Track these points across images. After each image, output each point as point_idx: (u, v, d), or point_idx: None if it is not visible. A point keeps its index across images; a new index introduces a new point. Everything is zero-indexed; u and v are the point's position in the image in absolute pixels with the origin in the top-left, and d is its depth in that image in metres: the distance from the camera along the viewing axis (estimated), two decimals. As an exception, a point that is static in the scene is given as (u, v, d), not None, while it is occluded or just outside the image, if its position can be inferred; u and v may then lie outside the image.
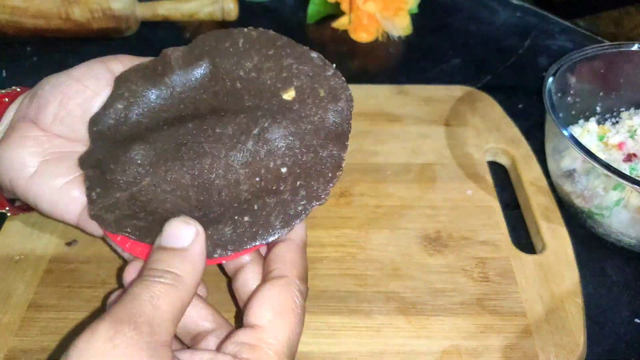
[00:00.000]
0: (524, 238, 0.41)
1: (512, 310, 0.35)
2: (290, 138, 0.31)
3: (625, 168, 0.40)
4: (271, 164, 0.30)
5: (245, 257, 0.31)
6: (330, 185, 0.30)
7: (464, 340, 0.33)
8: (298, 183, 0.30)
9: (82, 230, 0.33)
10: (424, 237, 0.39)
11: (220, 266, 0.36)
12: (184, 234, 0.27)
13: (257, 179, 0.30)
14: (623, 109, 0.46)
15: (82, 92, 0.33)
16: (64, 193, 0.32)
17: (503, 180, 0.45)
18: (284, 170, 0.30)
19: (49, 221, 0.39)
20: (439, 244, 0.39)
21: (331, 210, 0.41)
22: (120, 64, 0.34)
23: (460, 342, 0.33)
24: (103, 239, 0.37)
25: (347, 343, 0.33)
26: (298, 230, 0.31)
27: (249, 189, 0.30)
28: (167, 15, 0.62)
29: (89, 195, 0.31)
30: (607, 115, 0.46)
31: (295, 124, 0.31)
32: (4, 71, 0.56)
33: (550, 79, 0.41)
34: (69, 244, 0.38)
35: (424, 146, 0.46)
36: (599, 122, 0.45)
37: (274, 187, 0.30)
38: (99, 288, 0.36)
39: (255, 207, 0.30)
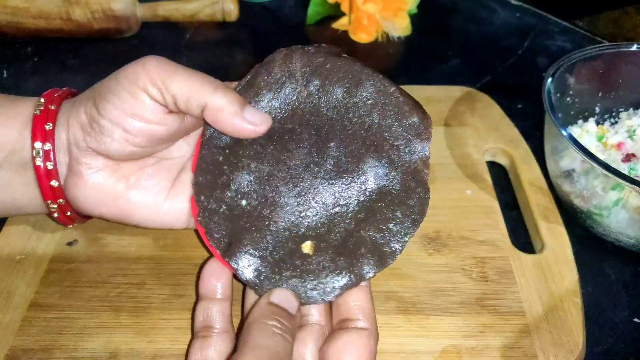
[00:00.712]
0: (523, 238, 0.41)
1: (512, 310, 0.35)
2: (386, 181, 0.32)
3: (624, 168, 0.41)
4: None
5: None
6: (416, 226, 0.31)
7: (463, 339, 0.33)
8: (398, 212, 0.31)
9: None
10: (423, 237, 0.39)
11: None
12: (294, 303, 0.30)
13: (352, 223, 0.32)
14: (622, 110, 0.46)
15: (137, 104, 0.31)
16: (168, 206, 0.34)
17: (502, 180, 0.45)
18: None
19: (50, 221, 0.40)
20: (439, 244, 0.39)
21: (331, 210, 0.41)
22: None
23: (460, 342, 0.33)
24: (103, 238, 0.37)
25: (346, 342, 0.33)
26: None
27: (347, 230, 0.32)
28: (168, 15, 0.62)
29: (198, 201, 0.32)
30: (606, 116, 0.46)
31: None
32: (4, 71, 0.56)
33: (550, 80, 0.41)
34: (69, 243, 0.38)
35: (424, 146, 0.46)
36: (597, 123, 0.46)
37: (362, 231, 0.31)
38: (99, 288, 0.36)
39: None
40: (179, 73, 0.30)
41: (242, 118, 0.31)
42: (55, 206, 0.33)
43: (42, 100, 0.33)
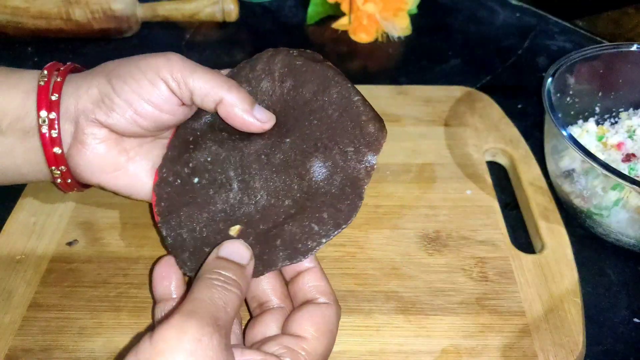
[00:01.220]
0: (523, 238, 0.41)
1: (511, 310, 0.35)
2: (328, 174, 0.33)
3: (624, 168, 0.41)
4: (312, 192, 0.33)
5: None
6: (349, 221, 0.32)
7: (463, 339, 0.33)
8: (325, 214, 0.32)
9: None
10: (423, 237, 0.39)
11: None
12: (244, 254, 0.31)
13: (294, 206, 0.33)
14: (622, 110, 0.46)
15: (154, 92, 0.33)
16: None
17: (502, 180, 0.45)
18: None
19: (50, 221, 0.40)
20: (439, 244, 0.39)
21: (331, 210, 0.41)
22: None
23: (460, 342, 0.33)
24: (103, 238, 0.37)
25: (346, 342, 0.33)
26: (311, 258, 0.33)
27: (288, 211, 0.33)
28: (168, 15, 0.62)
29: (160, 172, 0.35)
30: (606, 116, 0.46)
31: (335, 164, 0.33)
32: (4, 72, 0.56)
33: (550, 80, 0.41)
34: (69, 243, 0.38)
35: (424, 146, 0.46)
36: (597, 123, 0.46)
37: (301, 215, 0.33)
38: (99, 288, 0.36)
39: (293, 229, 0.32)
40: (198, 71, 0.33)
41: (251, 115, 0.34)
42: (59, 172, 0.35)
43: (45, 72, 0.34)
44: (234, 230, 0.33)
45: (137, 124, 0.34)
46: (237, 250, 0.31)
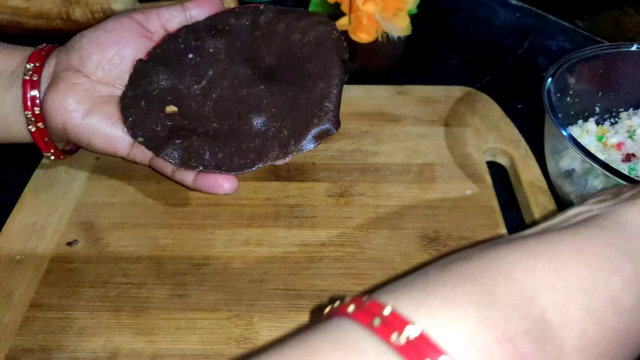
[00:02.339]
0: (523, 238, 0.41)
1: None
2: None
3: (624, 168, 0.41)
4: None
5: None
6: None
7: (463, 339, 0.33)
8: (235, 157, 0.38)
9: (132, 161, 0.40)
10: (423, 237, 0.39)
11: None
12: None
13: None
14: (622, 110, 0.46)
15: (118, 42, 0.39)
16: (115, 131, 0.39)
17: (502, 181, 0.45)
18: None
19: (50, 221, 0.40)
20: (439, 244, 0.39)
21: (331, 210, 0.41)
22: (144, 15, 0.41)
23: (460, 342, 0.33)
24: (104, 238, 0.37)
25: (346, 342, 0.33)
26: None
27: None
28: (168, 15, 0.62)
29: (124, 115, 0.39)
30: (606, 116, 0.46)
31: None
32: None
33: (549, 80, 0.41)
34: (69, 243, 0.38)
35: (424, 146, 0.46)
36: (597, 123, 0.46)
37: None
38: (100, 288, 0.36)
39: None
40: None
41: None
42: (33, 119, 0.38)
43: (44, 44, 0.40)
44: (170, 108, 0.39)
45: (103, 56, 0.38)
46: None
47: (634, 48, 0.44)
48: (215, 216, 0.40)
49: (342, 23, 0.63)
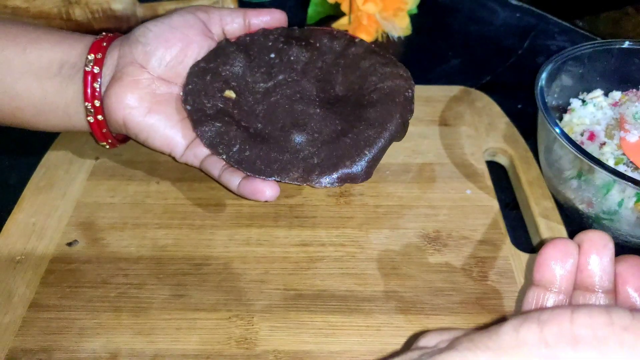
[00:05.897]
0: (523, 238, 0.41)
1: (512, 310, 0.35)
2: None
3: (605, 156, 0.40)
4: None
5: None
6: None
7: (463, 339, 0.33)
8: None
9: (184, 163, 0.40)
10: (423, 237, 0.39)
11: None
12: None
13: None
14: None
15: (182, 40, 0.39)
16: (175, 134, 0.39)
17: (502, 180, 0.45)
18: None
19: (50, 221, 0.40)
20: (439, 244, 0.39)
21: (331, 210, 0.41)
22: (207, 14, 0.41)
23: (460, 341, 0.33)
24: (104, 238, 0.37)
25: (347, 342, 0.33)
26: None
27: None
28: (168, 16, 0.62)
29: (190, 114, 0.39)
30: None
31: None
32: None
33: (543, 76, 0.41)
34: (69, 244, 0.38)
35: (423, 146, 0.46)
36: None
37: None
38: (99, 288, 0.36)
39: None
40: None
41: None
42: (92, 110, 0.38)
43: (104, 33, 0.40)
44: (229, 93, 0.40)
45: (168, 53, 0.38)
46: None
47: (625, 45, 0.45)
48: (215, 216, 0.40)
49: (342, 23, 0.63)
